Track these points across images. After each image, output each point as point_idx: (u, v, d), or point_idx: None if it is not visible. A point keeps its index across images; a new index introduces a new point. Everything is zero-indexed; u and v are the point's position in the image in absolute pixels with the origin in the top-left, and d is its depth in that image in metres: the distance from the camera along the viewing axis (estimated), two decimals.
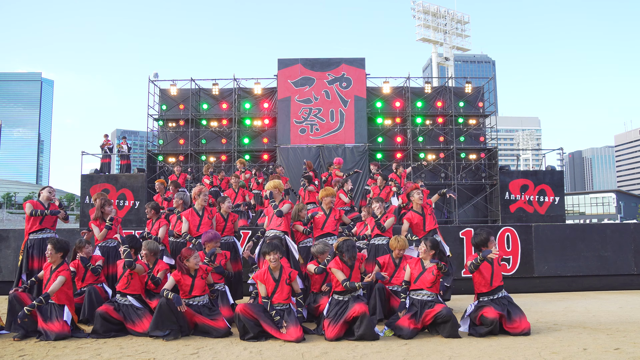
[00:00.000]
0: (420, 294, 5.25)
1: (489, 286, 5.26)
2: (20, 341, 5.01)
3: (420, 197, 6.53)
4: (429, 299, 5.21)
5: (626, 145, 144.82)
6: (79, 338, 5.11)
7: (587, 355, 4.18)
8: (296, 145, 16.27)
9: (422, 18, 43.83)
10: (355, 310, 4.95)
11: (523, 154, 72.95)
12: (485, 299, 5.26)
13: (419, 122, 17.09)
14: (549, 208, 15.72)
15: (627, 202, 66.41)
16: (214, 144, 17.39)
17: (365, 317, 4.90)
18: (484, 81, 18.32)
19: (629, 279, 8.71)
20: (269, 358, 4.29)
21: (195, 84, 17.47)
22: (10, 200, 79.06)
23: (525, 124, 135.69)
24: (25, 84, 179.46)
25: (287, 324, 4.97)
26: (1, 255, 8.48)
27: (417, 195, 6.53)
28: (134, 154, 17.76)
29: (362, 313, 4.91)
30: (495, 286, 5.26)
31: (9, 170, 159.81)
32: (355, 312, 4.94)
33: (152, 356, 4.39)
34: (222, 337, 5.06)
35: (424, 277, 5.25)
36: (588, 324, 5.59)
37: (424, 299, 5.22)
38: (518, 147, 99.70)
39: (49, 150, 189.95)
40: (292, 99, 16.58)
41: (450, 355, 4.28)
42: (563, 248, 8.58)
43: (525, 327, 4.99)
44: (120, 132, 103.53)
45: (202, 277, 5.38)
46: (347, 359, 4.25)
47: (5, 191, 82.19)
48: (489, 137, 18.41)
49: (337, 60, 16.87)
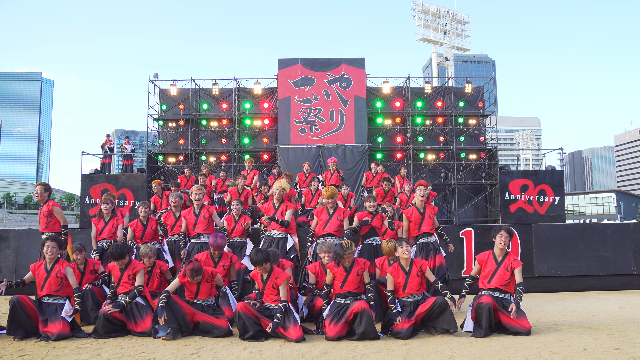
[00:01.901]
0: (411, 296, 5.28)
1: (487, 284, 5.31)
2: (20, 341, 5.00)
3: (423, 194, 6.42)
4: (420, 298, 5.27)
5: (626, 145, 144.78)
6: (79, 338, 5.11)
7: (587, 355, 4.18)
8: (296, 145, 16.27)
9: (422, 18, 43.79)
10: (356, 307, 4.96)
11: (523, 154, 72.94)
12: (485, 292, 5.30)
13: (419, 122, 17.10)
14: (549, 208, 15.73)
15: (627, 202, 66.40)
16: (214, 144, 17.39)
17: (366, 313, 4.90)
18: (484, 81, 18.33)
19: (629, 279, 8.70)
20: (269, 358, 4.29)
21: (195, 84, 17.47)
22: (10, 200, 79.08)
23: (525, 124, 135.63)
24: (25, 84, 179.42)
25: (287, 324, 4.97)
26: (1, 255, 8.48)
27: (420, 192, 6.45)
28: (134, 154, 17.74)
29: (362, 309, 4.91)
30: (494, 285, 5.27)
31: (9, 170, 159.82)
32: (356, 308, 4.95)
33: (152, 356, 4.39)
34: (223, 337, 5.06)
35: (410, 282, 5.25)
36: (588, 324, 5.59)
37: (416, 299, 5.27)
38: (518, 147, 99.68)
39: (49, 150, 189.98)
40: (292, 99, 16.58)
41: (450, 355, 4.28)
42: (563, 248, 8.57)
43: (525, 325, 4.98)
44: (120, 132, 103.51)
45: (208, 280, 5.36)
46: (347, 359, 4.25)
47: (5, 191, 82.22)
48: (489, 137, 18.41)
49: (337, 60, 16.87)
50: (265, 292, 5.25)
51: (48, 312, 5.18)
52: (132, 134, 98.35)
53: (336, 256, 5.26)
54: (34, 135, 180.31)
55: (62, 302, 5.29)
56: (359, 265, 5.30)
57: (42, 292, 5.30)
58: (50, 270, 5.29)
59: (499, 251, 5.36)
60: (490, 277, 5.30)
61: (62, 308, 5.22)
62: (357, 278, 5.25)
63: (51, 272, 5.29)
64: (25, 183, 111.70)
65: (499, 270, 5.28)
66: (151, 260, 5.90)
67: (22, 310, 5.11)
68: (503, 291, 5.28)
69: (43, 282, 5.29)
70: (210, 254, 5.85)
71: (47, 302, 5.27)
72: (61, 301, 5.30)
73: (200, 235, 6.54)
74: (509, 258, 5.33)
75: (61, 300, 5.30)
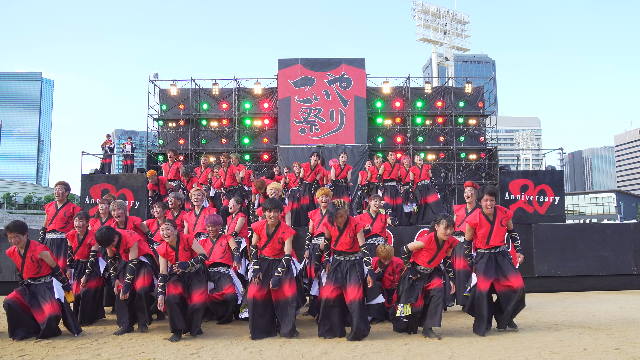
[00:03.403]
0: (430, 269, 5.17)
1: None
2: (20, 341, 5.01)
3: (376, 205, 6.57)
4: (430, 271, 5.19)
5: (626, 145, 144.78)
6: (77, 336, 5.12)
7: (587, 355, 4.18)
8: (296, 145, 16.28)
9: (422, 18, 43.83)
10: (351, 295, 4.97)
11: (523, 154, 72.95)
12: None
13: (419, 122, 17.10)
14: (549, 208, 15.68)
15: (627, 202, 66.39)
16: (214, 144, 17.39)
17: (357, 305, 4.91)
18: (484, 81, 18.33)
19: (629, 279, 8.71)
20: (269, 358, 4.30)
21: (195, 84, 17.48)
22: (10, 200, 79.03)
23: (525, 124, 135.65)
24: (25, 84, 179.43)
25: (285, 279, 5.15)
26: (1, 255, 8.48)
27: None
28: (134, 154, 17.72)
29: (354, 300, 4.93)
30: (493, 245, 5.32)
31: (9, 170, 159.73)
32: (351, 296, 4.97)
33: (152, 356, 4.39)
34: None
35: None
36: (588, 324, 5.60)
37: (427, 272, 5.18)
38: (518, 147, 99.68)
39: (49, 150, 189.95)
40: (292, 99, 16.58)
41: (450, 355, 4.28)
42: (563, 248, 8.57)
43: (518, 284, 5.11)
44: (120, 132, 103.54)
45: (185, 249, 5.32)
46: (347, 359, 4.25)
47: (5, 191, 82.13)
48: (489, 137, 18.42)
49: (337, 60, 16.87)
50: (269, 245, 5.19)
51: (37, 294, 5.21)
52: (132, 134, 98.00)
53: (329, 215, 5.16)
54: (34, 135, 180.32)
55: (48, 281, 5.30)
56: (350, 228, 5.14)
57: (25, 276, 5.29)
58: (24, 256, 5.23)
59: (488, 211, 5.31)
60: (487, 237, 5.26)
61: (49, 286, 5.25)
62: (350, 240, 5.15)
63: (25, 257, 5.22)
64: (25, 183, 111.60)
65: (494, 229, 5.25)
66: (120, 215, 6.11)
67: (18, 309, 5.13)
68: (499, 245, 5.30)
69: (21, 266, 5.27)
70: (210, 238, 6.12)
71: (34, 284, 5.27)
72: (47, 280, 5.30)
73: (200, 235, 6.54)
74: (499, 213, 5.31)
75: (47, 279, 5.31)
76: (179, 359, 4.32)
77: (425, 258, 5.10)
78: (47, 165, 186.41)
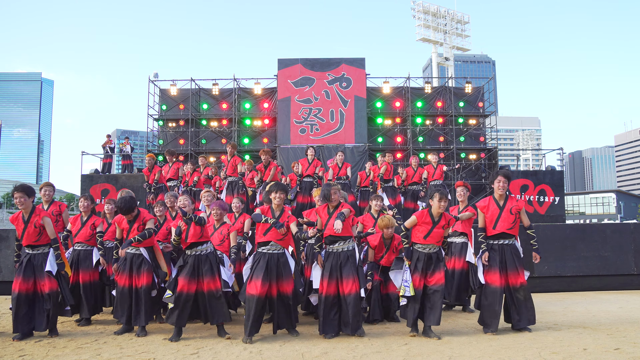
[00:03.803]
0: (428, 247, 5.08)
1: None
2: (20, 341, 5.01)
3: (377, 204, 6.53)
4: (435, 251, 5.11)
5: (626, 145, 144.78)
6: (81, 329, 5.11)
7: (587, 355, 4.18)
8: (296, 145, 16.25)
9: (422, 18, 43.80)
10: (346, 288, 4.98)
11: (523, 154, 72.87)
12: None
13: (419, 122, 17.08)
14: (549, 208, 15.71)
15: (627, 202, 66.37)
16: (214, 144, 17.38)
17: (352, 298, 4.92)
18: (484, 81, 18.31)
19: (629, 279, 8.71)
20: (269, 358, 4.30)
21: (195, 84, 17.46)
22: (10, 200, 79.04)
23: (525, 124, 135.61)
24: (25, 84, 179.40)
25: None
26: (1, 255, 8.48)
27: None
28: (134, 154, 17.72)
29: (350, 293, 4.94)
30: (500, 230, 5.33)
31: (9, 170, 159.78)
32: (347, 289, 4.98)
33: (152, 356, 4.39)
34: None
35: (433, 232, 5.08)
36: (588, 324, 5.60)
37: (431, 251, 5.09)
38: (518, 147, 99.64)
39: (49, 150, 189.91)
40: (292, 99, 16.57)
41: (450, 355, 4.28)
42: (563, 248, 8.57)
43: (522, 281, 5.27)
44: (120, 132, 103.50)
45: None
46: (347, 359, 4.25)
47: (6, 191, 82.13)
48: (489, 137, 18.40)
49: (337, 60, 16.86)
50: (273, 229, 5.13)
51: (36, 267, 5.22)
52: (132, 134, 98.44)
53: (324, 196, 5.16)
54: (34, 135, 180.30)
55: (46, 252, 5.30)
56: (339, 211, 5.10)
57: (24, 242, 5.30)
58: (28, 221, 5.22)
59: (499, 196, 5.28)
60: (495, 221, 5.22)
61: (45, 258, 5.25)
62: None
63: (28, 223, 5.22)
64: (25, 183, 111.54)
65: (503, 214, 5.21)
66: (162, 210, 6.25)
67: (26, 304, 5.13)
68: (508, 235, 5.27)
69: (22, 232, 5.26)
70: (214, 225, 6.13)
71: (32, 254, 5.27)
72: (45, 250, 5.31)
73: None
74: (510, 201, 5.27)
75: (46, 250, 5.31)
76: (179, 359, 4.32)
77: (421, 233, 5.06)
78: (47, 165, 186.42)
